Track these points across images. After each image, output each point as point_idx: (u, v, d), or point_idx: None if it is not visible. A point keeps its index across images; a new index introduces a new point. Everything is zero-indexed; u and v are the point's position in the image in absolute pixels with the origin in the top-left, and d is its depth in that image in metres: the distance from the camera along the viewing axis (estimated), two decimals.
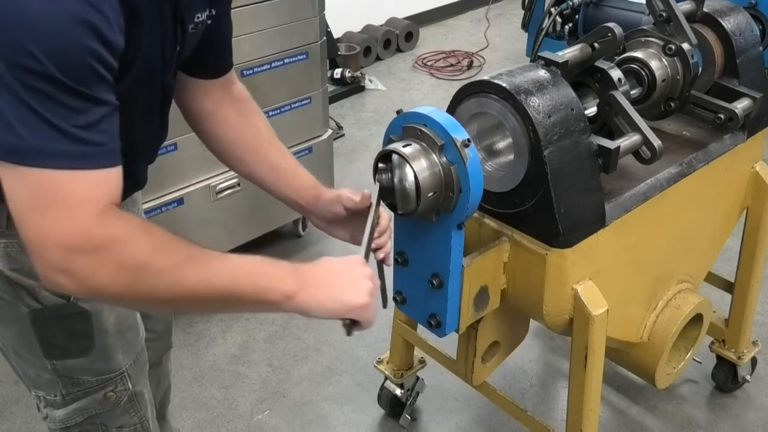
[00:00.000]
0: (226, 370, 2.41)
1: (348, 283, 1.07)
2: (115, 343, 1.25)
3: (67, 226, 0.87)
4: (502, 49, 5.11)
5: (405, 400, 2.15)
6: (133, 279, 0.91)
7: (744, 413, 2.23)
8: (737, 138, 1.76)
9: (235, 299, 1.00)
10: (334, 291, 1.06)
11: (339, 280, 1.07)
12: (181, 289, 0.94)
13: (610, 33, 1.44)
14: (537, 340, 2.49)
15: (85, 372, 1.24)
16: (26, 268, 1.12)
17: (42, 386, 1.25)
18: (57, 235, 0.87)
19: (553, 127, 1.34)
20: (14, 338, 1.21)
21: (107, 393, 1.27)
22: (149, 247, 0.93)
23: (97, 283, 0.90)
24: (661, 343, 1.75)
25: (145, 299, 0.96)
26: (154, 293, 0.93)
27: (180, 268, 0.94)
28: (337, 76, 4.33)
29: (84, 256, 0.88)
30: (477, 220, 1.50)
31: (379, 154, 1.26)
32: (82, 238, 0.87)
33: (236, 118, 1.35)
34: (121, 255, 0.90)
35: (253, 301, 1.01)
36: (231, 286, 0.98)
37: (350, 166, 3.62)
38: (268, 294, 1.01)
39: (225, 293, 0.98)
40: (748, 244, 2.00)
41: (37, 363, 1.22)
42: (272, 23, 2.45)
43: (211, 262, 0.97)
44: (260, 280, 1.01)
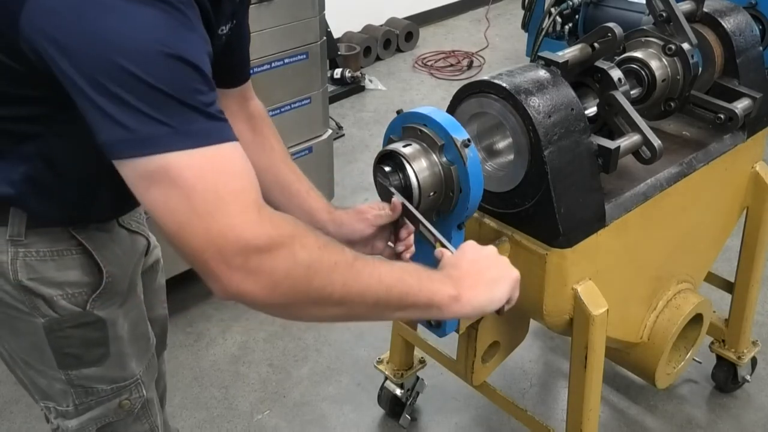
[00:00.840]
0: (226, 370, 2.41)
1: (495, 274, 1.08)
2: (129, 351, 1.24)
3: (240, 225, 0.83)
4: (502, 49, 5.11)
5: (405, 400, 2.15)
6: (308, 275, 0.88)
7: (744, 413, 2.23)
8: (737, 138, 1.76)
9: (404, 300, 0.98)
10: (486, 290, 1.06)
11: (487, 275, 1.07)
12: (353, 286, 0.92)
13: (610, 33, 1.44)
14: (537, 340, 2.49)
15: (100, 381, 1.22)
16: (45, 276, 1.11)
17: (53, 397, 1.23)
18: (233, 235, 0.83)
19: (553, 127, 1.34)
20: (26, 349, 1.19)
21: (122, 401, 1.25)
22: (315, 243, 0.90)
23: (279, 279, 0.86)
24: (661, 343, 1.75)
25: (318, 298, 0.91)
26: (327, 290, 0.90)
27: (350, 264, 0.93)
28: (337, 76, 4.33)
29: (264, 253, 0.84)
30: (477, 220, 1.50)
31: (379, 154, 1.26)
32: (257, 236, 0.84)
33: (250, 134, 1.33)
34: (297, 249, 0.87)
35: (423, 303, 1.00)
36: (401, 285, 0.97)
37: (350, 166, 3.61)
38: (437, 295, 1.00)
39: (395, 293, 0.97)
40: (748, 244, 2.00)
41: (50, 373, 1.20)
42: (272, 23, 2.45)
43: (376, 262, 0.96)
44: (427, 281, 1.00)
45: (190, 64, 0.86)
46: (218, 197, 0.83)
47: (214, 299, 2.70)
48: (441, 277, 1.04)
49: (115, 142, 0.84)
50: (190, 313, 2.63)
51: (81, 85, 0.84)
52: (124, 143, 0.84)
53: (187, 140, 0.84)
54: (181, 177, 0.83)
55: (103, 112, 0.84)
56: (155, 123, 0.83)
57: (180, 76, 0.85)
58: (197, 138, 0.85)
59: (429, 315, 1.04)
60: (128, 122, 0.83)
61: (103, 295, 1.17)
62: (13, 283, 1.11)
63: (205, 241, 0.83)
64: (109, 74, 0.82)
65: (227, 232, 0.83)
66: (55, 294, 1.13)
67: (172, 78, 0.84)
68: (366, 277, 0.94)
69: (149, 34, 0.83)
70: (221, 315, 2.64)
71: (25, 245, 1.10)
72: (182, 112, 0.84)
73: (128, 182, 0.87)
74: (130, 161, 0.84)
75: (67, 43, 0.83)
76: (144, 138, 0.83)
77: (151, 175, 0.84)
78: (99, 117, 0.84)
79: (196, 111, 0.85)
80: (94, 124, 0.85)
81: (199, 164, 0.84)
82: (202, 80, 0.88)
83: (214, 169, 0.85)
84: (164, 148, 0.83)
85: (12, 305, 1.13)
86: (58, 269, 1.12)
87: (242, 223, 0.84)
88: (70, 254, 1.14)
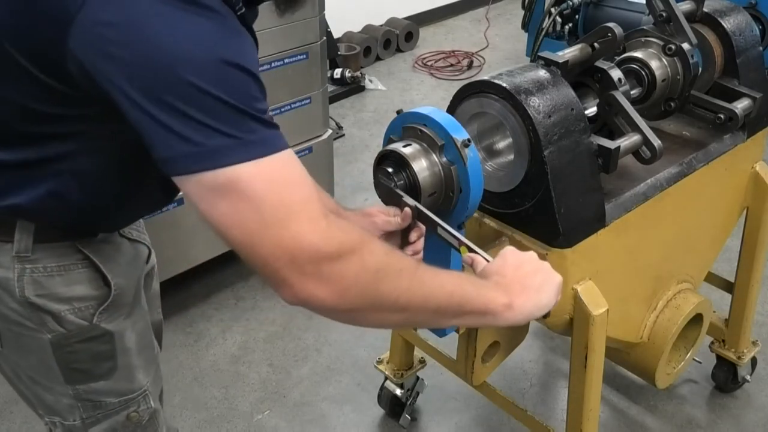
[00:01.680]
0: (226, 370, 2.41)
1: (540, 280, 1.09)
2: (136, 362, 1.24)
3: (309, 231, 0.84)
4: (502, 49, 5.11)
5: (405, 400, 2.15)
6: (376, 281, 0.89)
7: (744, 413, 2.23)
8: (737, 138, 1.76)
9: (462, 308, 1.00)
10: (535, 296, 1.07)
11: (533, 280, 1.08)
12: (417, 292, 0.94)
13: (610, 33, 1.44)
14: (537, 340, 2.49)
15: (108, 394, 1.21)
16: (52, 292, 1.11)
17: (59, 412, 1.22)
18: (303, 243, 0.84)
19: (553, 127, 1.34)
20: (33, 366, 1.18)
21: (130, 413, 1.25)
22: (382, 249, 0.92)
23: (347, 286, 0.87)
24: (661, 343, 1.75)
25: (383, 303, 0.92)
26: (393, 295, 0.92)
27: (414, 271, 0.94)
28: (337, 76, 4.33)
29: (334, 260, 0.85)
30: (477, 220, 1.50)
31: (379, 154, 1.26)
32: (327, 241, 0.85)
33: None
34: (365, 254, 0.88)
35: (479, 311, 1.02)
36: (460, 293, 0.99)
37: (350, 166, 3.61)
38: (492, 303, 1.02)
39: (455, 300, 0.98)
40: (748, 244, 2.00)
41: (57, 389, 1.19)
42: (272, 23, 2.45)
43: (436, 269, 0.98)
44: (482, 290, 1.02)
45: (246, 71, 0.86)
46: (287, 207, 0.84)
47: (214, 299, 2.70)
48: (492, 285, 1.05)
49: (179, 158, 0.84)
50: (190, 313, 2.63)
51: (137, 99, 0.82)
52: (189, 158, 0.83)
53: (253, 150, 0.84)
54: (251, 188, 0.83)
55: (163, 126, 0.83)
56: (220, 135, 0.83)
57: (239, 85, 0.85)
58: (262, 147, 0.85)
59: (483, 322, 1.05)
60: (193, 136, 0.82)
61: (110, 308, 1.16)
62: (19, 300, 1.10)
63: (278, 250, 0.84)
64: (169, 87, 0.82)
65: (299, 241, 0.84)
66: (63, 309, 1.12)
67: (233, 87, 0.84)
68: (429, 283, 0.95)
69: (207, 44, 0.83)
70: (221, 315, 2.64)
71: (32, 261, 1.09)
72: (244, 121, 0.84)
73: (191, 197, 0.86)
74: (196, 176, 0.84)
75: (123, 56, 0.82)
76: (211, 151, 0.83)
77: (220, 189, 0.83)
78: (159, 132, 0.83)
79: (256, 120, 0.86)
80: (153, 139, 0.84)
81: (266, 175, 0.84)
82: (258, 87, 0.88)
83: (281, 178, 0.86)
84: (232, 160, 0.83)
85: (18, 322, 1.12)
86: (65, 284, 1.11)
87: (312, 231, 0.85)
88: (77, 268, 1.13)
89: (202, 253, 2.59)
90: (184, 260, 2.53)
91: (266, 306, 2.69)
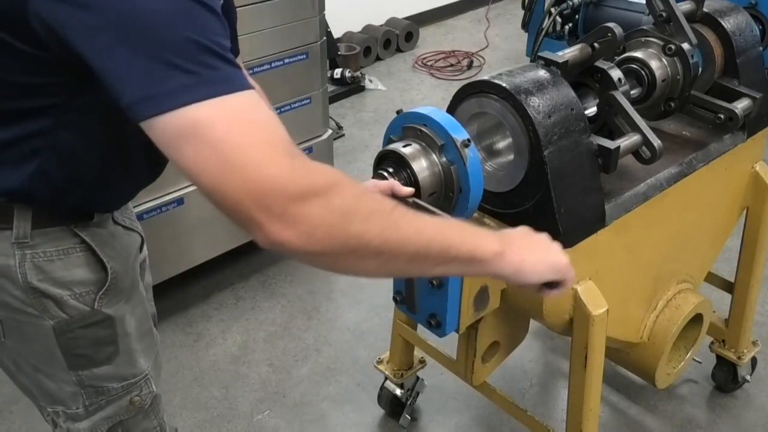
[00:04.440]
0: (226, 370, 2.41)
1: (546, 246, 1.09)
2: (137, 347, 1.25)
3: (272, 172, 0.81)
4: (502, 49, 5.11)
5: (405, 400, 2.15)
6: (344, 222, 0.85)
7: (744, 413, 2.23)
8: (737, 138, 1.76)
9: (446, 252, 0.95)
10: (540, 252, 1.07)
11: (538, 244, 1.08)
12: (392, 235, 0.89)
13: (610, 33, 1.44)
14: (537, 340, 2.49)
15: (111, 379, 1.22)
16: (53, 277, 1.11)
17: (63, 400, 1.22)
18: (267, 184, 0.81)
19: (553, 127, 1.34)
20: (36, 354, 1.18)
21: (133, 398, 1.25)
22: (351, 191, 0.88)
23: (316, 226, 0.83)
24: (661, 343, 1.75)
25: (355, 247, 0.87)
26: (364, 238, 0.87)
27: (389, 213, 0.90)
28: (337, 76, 4.33)
29: (300, 201, 0.82)
30: (477, 220, 1.50)
31: (379, 154, 1.26)
32: (292, 181, 0.82)
33: None
34: (334, 195, 0.85)
35: (465, 257, 0.97)
36: (441, 237, 0.94)
37: (350, 166, 3.61)
38: (480, 249, 0.98)
39: (436, 244, 0.94)
40: (748, 244, 2.00)
41: (60, 376, 1.19)
42: (272, 23, 2.45)
43: (416, 214, 0.94)
44: (469, 235, 0.98)
45: (207, 7, 0.84)
46: (250, 147, 0.82)
47: (214, 299, 2.70)
48: (486, 233, 1.01)
49: (141, 101, 0.82)
50: (190, 313, 2.63)
51: (99, 44, 0.81)
52: (150, 100, 0.81)
53: (214, 88, 0.82)
54: (211, 130, 0.81)
55: (125, 69, 0.81)
56: (181, 73, 0.81)
57: (201, 20, 0.83)
58: (223, 85, 0.83)
59: (471, 270, 1.02)
60: (151, 74, 0.81)
61: (109, 293, 1.17)
62: (22, 286, 1.10)
63: (243, 192, 0.81)
64: (125, 22, 0.80)
65: (263, 182, 0.81)
66: (64, 294, 1.13)
67: (194, 23, 0.82)
68: (405, 227, 0.91)
69: None
70: (221, 315, 2.64)
71: (31, 247, 1.09)
72: (206, 57, 0.82)
73: (159, 145, 0.84)
74: (159, 120, 0.82)
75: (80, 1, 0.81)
76: (171, 90, 0.81)
77: (182, 132, 0.82)
78: (121, 77, 0.82)
79: (218, 57, 0.84)
80: (115, 87, 0.83)
81: (228, 115, 0.82)
82: (220, 24, 0.86)
83: (243, 118, 0.83)
84: (192, 97, 0.81)
85: (21, 310, 1.13)
86: (65, 268, 1.13)
87: (277, 171, 0.82)
88: (75, 252, 1.14)
89: (202, 253, 2.59)
90: (184, 260, 2.53)
91: (266, 306, 2.69)
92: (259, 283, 2.81)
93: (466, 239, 0.97)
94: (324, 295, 2.76)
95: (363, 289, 2.74)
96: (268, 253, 3.11)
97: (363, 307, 2.68)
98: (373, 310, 2.64)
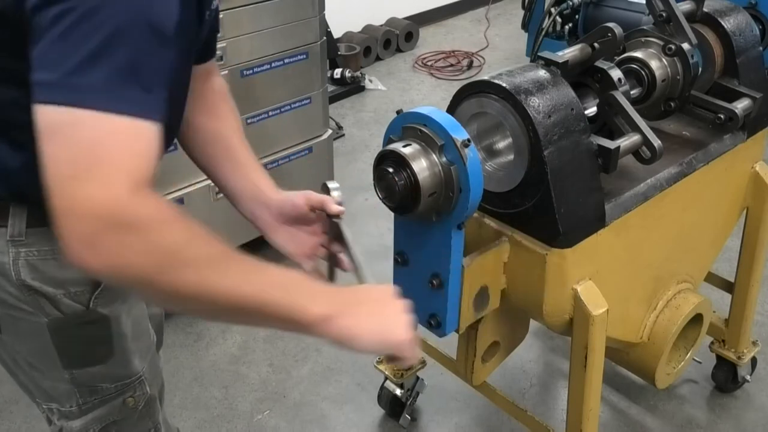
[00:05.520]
0: (226, 370, 2.41)
1: (389, 316, 1.00)
2: (132, 348, 1.24)
3: (104, 196, 0.80)
4: (502, 49, 5.11)
5: (405, 400, 2.15)
6: (159, 265, 0.84)
7: (744, 413, 2.23)
8: (737, 138, 1.76)
9: (262, 310, 0.91)
10: (377, 324, 0.98)
11: (380, 311, 0.99)
12: (206, 287, 0.87)
13: (610, 33, 1.44)
14: (537, 340, 2.49)
15: (104, 379, 1.22)
16: (48, 275, 1.11)
17: (57, 398, 1.23)
18: (91, 205, 0.80)
19: (553, 127, 1.34)
20: (31, 351, 1.19)
21: (126, 399, 1.25)
22: (184, 235, 0.86)
23: (122, 262, 0.82)
24: (661, 343, 1.75)
25: (165, 290, 0.87)
26: (176, 286, 0.86)
27: (210, 265, 0.88)
28: (337, 76, 4.33)
29: (114, 231, 0.81)
30: (477, 220, 1.50)
31: (379, 154, 1.26)
32: (117, 211, 0.81)
33: (206, 102, 1.31)
34: (154, 236, 0.83)
35: (284, 317, 0.92)
36: (259, 297, 0.90)
37: (350, 166, 3.61)
38: (300, 312, 0.92)
39: (251, 303, 0.90)
40: (748, 244, 2.00)
41: (55, 374, 1.19)
42: (272, 23, 2.45)
43: (246, 267, 0.91)
44: (297, 294, 0.92)
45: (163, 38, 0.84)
46: (103, 167, 0.81)
47: None
48: (323, 293, 0.96)
49: (44, 84, 0.82)
50: None
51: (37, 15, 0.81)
52: (50, 88, 0.81)
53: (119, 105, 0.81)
54: (82, 137, 0.80)
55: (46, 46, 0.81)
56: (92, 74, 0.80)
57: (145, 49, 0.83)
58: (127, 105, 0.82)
59: (296, 330, 0.95)
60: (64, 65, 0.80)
61: (105, 293, 1.17)
62: (16, 283, 1.10)
63: (70, 204, 0.80)
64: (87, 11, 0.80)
65: (92, 201, 0.80)
66: (58, 293, 1.13)
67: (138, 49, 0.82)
68: (222, 281, 0.88)
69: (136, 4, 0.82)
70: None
71: (26, 245, 1.09)
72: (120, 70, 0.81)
73: (38, 130, 0.83)
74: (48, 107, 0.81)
75: None
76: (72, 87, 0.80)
77: (58, 128, 0.81)
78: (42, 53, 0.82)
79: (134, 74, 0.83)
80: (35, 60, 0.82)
81: (111, 131, 0.81)
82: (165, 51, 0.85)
83: (119, 141, 0.82)
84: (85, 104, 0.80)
85: (16, 306, 1.13)
86: (59, 267, 1.12)
87: (109, 197, 0.81)
88: None
89: None
90: None
91: None
92: None
93: (290, 299, 0.92)
94: None
95: None
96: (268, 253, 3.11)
97: None
98: None
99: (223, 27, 2.30)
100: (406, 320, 1.01)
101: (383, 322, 0.99)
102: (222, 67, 2.35)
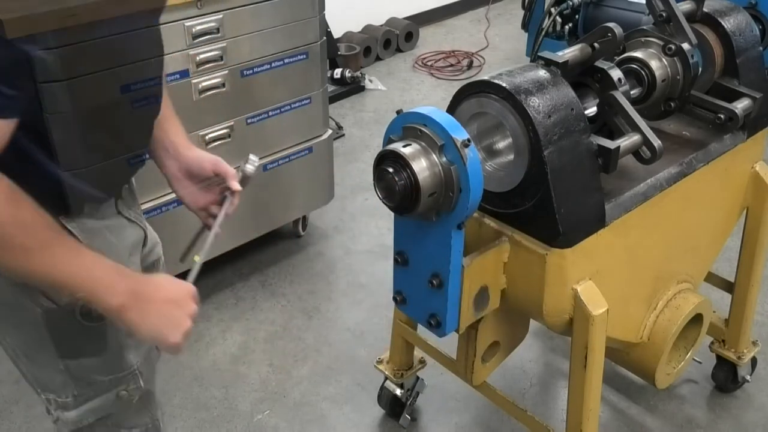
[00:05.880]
0: (226, 370, 2.41)
1: (173, 318, 1.12)
2: (127, 342, 1.26)
3: None
4: (502, 49, 5.11)
5: (405, 400, 2.15)
6: None
7: (744, 413, 2.23)
8: (737, 138, 1.76)
9: (72, 293, 1.07)
10: (157, 323, 1.10)
11: (166, 312, 1.11)
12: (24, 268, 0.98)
13: (610, 33, 1.44)
14: (537, 340, 2.49)
15: (98, 371, 1.24)
16: None
17: (53, 389, 1.25)
18: None
19: (553, 127, 1.34)
20: (27, 342, 1.21)
21: (120, 392, 1.27)
22: (9, 217, 0.94)
23: None
24: (661, 343, 1.75)
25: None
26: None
27: (29, 251, 0.97)
28: (337, 76, 4.33)
29: None
30: (477, 220, 1.50)
31: (379, 154, 1.26)
32: None
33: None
34: None
35: (89, 301, 1.07)
36: (69, 281, 1.03)
37: (350, 166, 3.61)
38: (98, 301, 1.05)
39: (63, 286, 1.05)
40: (748, 244, 2.00)
41: (50, 364, 1.22)
42: (272, 23, 2.45)
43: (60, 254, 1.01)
44: (96, 286, 1.04)
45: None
46: None
47: (214, 299, 2.70)
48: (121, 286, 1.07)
49: None
50: None
51: None
52: None
53: None
54: None
55: None
56: None
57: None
58: None
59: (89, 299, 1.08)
60: None
61: None
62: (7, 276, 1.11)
63: None
64: None
65: None
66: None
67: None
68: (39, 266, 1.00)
69: None
70: (221, 315, 2.64)
71: None
72: None
73: None
74: None
75: None
76: None
77: None
78: None
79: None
80: None
81: None
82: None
83: None
84: None
85: (11, 297, 1.15)
86: None
87: None
88: None
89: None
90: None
91: (266, 306, 2.69)
92: (258, 283, 2.81)
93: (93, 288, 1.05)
94: (324, 295, 2.76)
95: (363, 289, 2.74)
96: (268, 253, 3.11)
97: (363, 307, 2.68)
98: (373, 310, 2.64)
99: (223, 27, 2.30)
100: (185, 327, 1.13)
101: (164, 324, 1.11)
102: (222, 67, 2.35)
